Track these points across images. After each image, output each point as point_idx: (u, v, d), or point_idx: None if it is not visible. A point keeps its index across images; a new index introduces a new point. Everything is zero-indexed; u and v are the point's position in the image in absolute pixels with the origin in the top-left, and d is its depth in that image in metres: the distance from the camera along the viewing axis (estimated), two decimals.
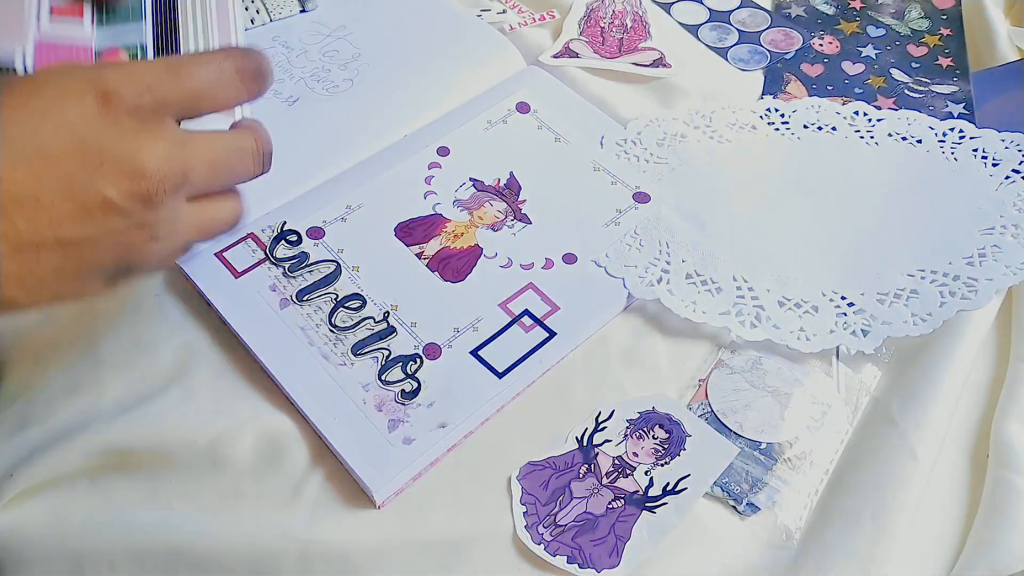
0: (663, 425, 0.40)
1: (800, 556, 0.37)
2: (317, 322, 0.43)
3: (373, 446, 0.38)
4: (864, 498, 0.38)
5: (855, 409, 0.41)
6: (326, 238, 0.46)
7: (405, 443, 0.39)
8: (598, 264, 0.46)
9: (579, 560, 0.36)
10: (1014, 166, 0.49)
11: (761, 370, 0.42)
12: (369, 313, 0.43)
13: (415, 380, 0.41)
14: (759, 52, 0.58)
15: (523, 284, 0.45)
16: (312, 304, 0.43)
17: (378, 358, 0.41)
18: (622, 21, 0.59)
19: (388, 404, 0.40)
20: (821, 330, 0.43)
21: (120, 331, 0.43)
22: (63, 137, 0.31)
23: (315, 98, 0.54)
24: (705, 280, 0.45)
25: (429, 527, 0.37)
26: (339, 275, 0.45)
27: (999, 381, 0.43)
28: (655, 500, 0.38)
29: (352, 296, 0.44)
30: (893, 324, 0.42)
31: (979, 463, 0.40)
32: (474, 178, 0.49)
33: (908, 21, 0.60)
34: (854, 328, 0.43)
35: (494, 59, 0.56)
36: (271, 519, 0.37)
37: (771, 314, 0.43)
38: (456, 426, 0.39)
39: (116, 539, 0.37)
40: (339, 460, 0.39)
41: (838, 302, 0.44)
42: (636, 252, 0.46)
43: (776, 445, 0.40)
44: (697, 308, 0.44)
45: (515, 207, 0.48)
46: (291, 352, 0.41)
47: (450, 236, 0.47)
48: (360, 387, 0.40)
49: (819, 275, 0.45)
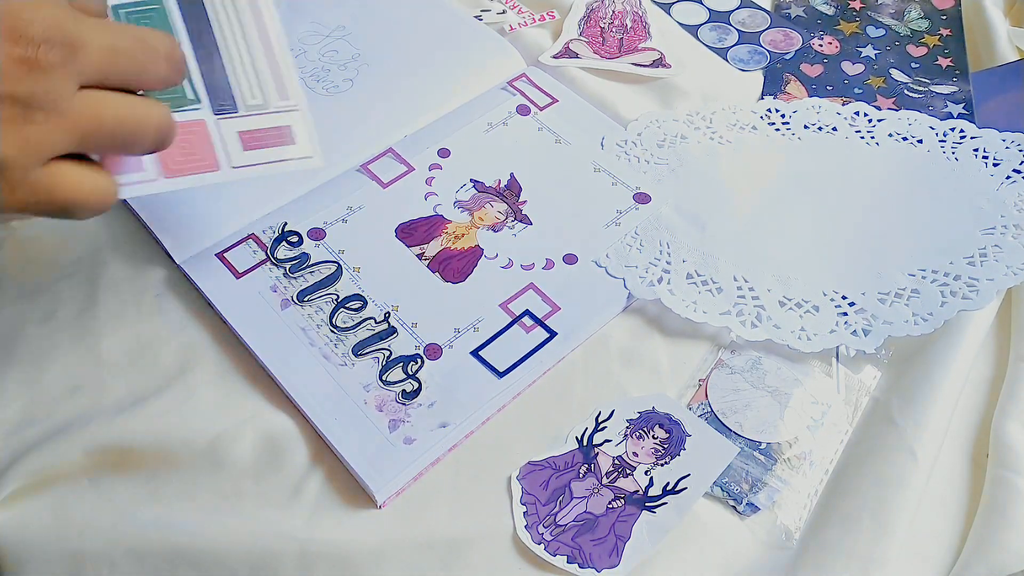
0: (663, 425, 0.40)
1: (800, 556, 0.37)
2: (318, 323, 0.43)
3: (374, 446, 0.38)
4: (864, 498, 0.38)
5: (855, 409, 0.41)
6: (327, 239, 0.46)
7: (406, 443, 0.39)
8: (599, 264, 0.46)
9: (579, 560, 0.36)
10: (1015, 166, 0.49)
11: (761, 370, 0.42)
12: (370, 314, 0.43)
13: (416, 380, 0.41)
14: (759, 52, 0.58)
15: (524, 284, 0.45)
16: (313, 305, 0.43)
17: (379, 358, 0.41)
18: (622, 21, 0.59)
19: (389, 404, 0.40)
20: (822, 330, 0.43)
21: (120, 331, 0.43)
22: None
23: (315, 98, 0.54)
24: (706, 280, 0.45)
25: (429, 527, 0.37)
26: (340, 276, 0.45)
27: (999, 381, 0.43)
28: (655, 500, 0.38)
29: (353, 297, 0.44)
30: (894, 324, 0.42)
31: (979, 463, 0.40)
32: (475, 179, 0.50)
33: (908, 21, 0.60)
34: (855, 328, 0.43)
35: (494, 60, 0.56)
36: (271, 519, 0.37)
37: (772, 314, 0.43)
38: (457, 426, 0.39)
39: (116, 539, 0.37)
40: (339, 460, 0.39)
41: (839, 302, 0.44)
42: (636, 252, 0.46)
43: (776, 445, 0.40)
44: (698, 308, 0.44)
45: (516, 208, 0.48)
46: (292, 353, 0.41)
47: (451, 237, 0.47)
48: (361, 387, 0.40)
49: (820, 275, 0.45)
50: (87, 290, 0.45)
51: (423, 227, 0.47)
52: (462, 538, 0.37)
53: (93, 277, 0.46)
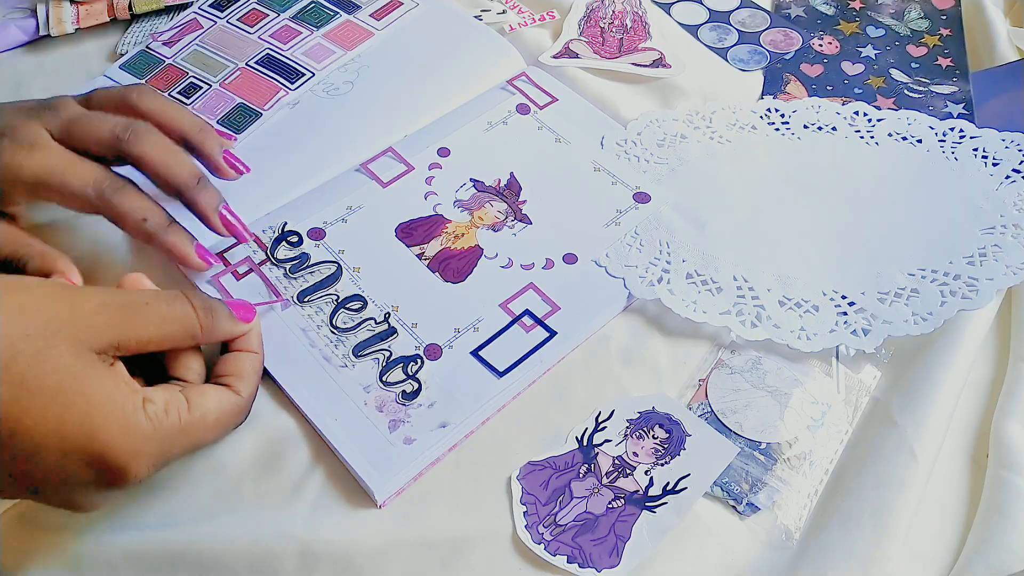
0: (663, 425, 0.40)
1: (800, 556, 0.37)
2: (318, 323, 0.43)
3: (374, 447, 0.38)
4: (864, 498, 0.38)
5: (855, 409, 0.41)
6: (327, 239, 0.46)
7: (406, 443, 0.39)
8: (598, 264, 0.46)
9: (579, 560, 0.36)
10: (1014, 166, 0.49)
11: (761, 370, 0.42)
12: (370, 314, 0.43)
13: (416, 381, 0.41)
14: (759, 52, 0.58)
15: (524, 284, 0.45)
16: (313, 305, 0.43)
17: (379, 359, 0.41)
18: (622, 21, 0.59)
19: (389, 405, 0.40)
20: (822, 329, 0.43)
21: None
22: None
23: (315, 100, 0.54)
24: (705, 280, 0.45)
25: (429, 527, 0.37)
26: (340, 276, 0.45)
27: (999, 381, 0.43)
28: (655, 500, 0.38)
29: (353, 297, 0.44)
30: (894, 323, 0.42)
31: (979, 463, 0.40)
32: (474, 179, 0.50)
33: (908, 21, 0.60)
34: (855, 327, 0.43)
35: (494, 60, 0.56)
36: (271, 519, 0.37)
37: (771, 313, 0.43)
38: (457, 426, 0.39)
39: (115, 539, 0.37)
40: (339, 460, 0.39)
41: (838, 301, 0.44)
42: (636, 252, 0.46)
43: (776, 445, 0.40)
44: (697, 308, 0.44)
45: (516, 207, 0.48)
46: (292, 354, 0.41)
47: (451, 237, 0.47)
48: (361, 388, 0.40)
49: (819, 274, 0.45)
50: None
51: (423, 227, 0.47)
52: (462, 538, 0.37)
53: (93, 277, 0.46)
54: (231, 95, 0.53)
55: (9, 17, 0.60)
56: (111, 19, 0.59)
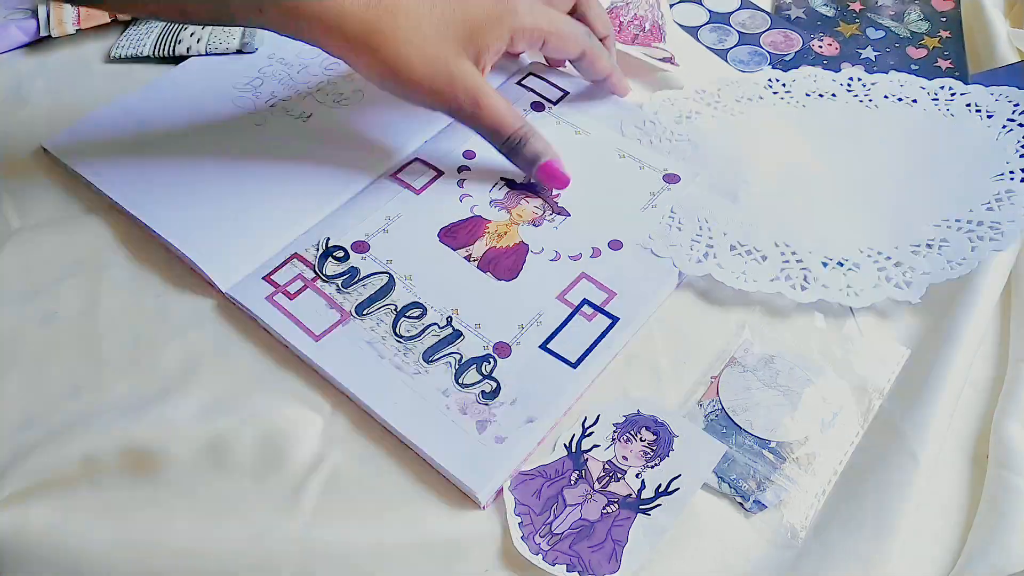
0: (650, 427, 0.40)
1: (802, 555, 0.37)
2: (382, 334, 0.42)
3: (466, 449, 0.38)
4: (864, 498, 0.37)
5: (867, 411, 0.41)
6: (372, 251, 0.46)
7: (497, 441, 0.39)
8: (643, 247, 0.46)
9: (579, 567, 0.36)
10: (1008, 116, 0.52)
11: (773, 369, 0.42)
12: (431, 320, 0.43)
13: (493, 380, 0.41)
14: (759, 54, 0.59)
15: (575, 274, 0.45)
16: (373, 317, 0.43)
17: (451, 363, 0.41)
18: (641, 23, 0.59)
19: (471, 406, 0.40)
20: (867, 285, 0.44)
21: (121, 331, 0.43)
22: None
23: (327, 111, 0.53)
24: (749, 250, 0.46)
25: (429, 527, 0.37)
26: (394, 286, 0.44)
27: (999, 381, 0.43)
28: (649, 502, 0.38)
29: (411, 305, 0.44)
30: (932, 272, 0.44)
31: (979, 463, 0.40)
32: (505, 177, 0.50)
33: (907, 23, 0.61)
34: (897, 281, 0.45)
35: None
36: (271, 520, 0.37)
37: (818, 275, 0.45)
38: (542, 419, 0.40)
39: (116, 540, 0.37)
40: (340, 461, 0.39)
41: (876, 257, 0.46)
42: (677, 231, 0.47)
43: (785, 444, 0.40)
44: (748, 278, 0.45)
45: (551, 201, 0.49)
46: (364, 368, 0.41)
47: (494, 236, 0.47)
48: (439, 393, 0.40)
49: (852, 233, 0.47)
50: (87, 290, 0.45)
51: (464, 229, 0.47)
52: (462, 538, 0.37)
53: (93, 277, 0.45)
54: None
55: (10, 18, 0.58)
56: (112, 20, 0.59)
